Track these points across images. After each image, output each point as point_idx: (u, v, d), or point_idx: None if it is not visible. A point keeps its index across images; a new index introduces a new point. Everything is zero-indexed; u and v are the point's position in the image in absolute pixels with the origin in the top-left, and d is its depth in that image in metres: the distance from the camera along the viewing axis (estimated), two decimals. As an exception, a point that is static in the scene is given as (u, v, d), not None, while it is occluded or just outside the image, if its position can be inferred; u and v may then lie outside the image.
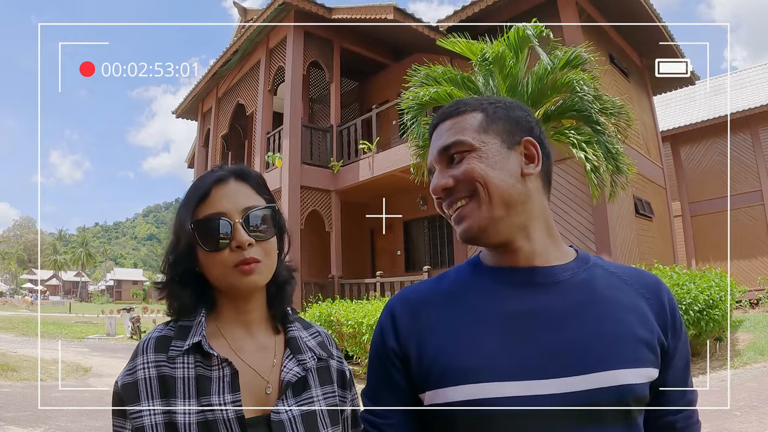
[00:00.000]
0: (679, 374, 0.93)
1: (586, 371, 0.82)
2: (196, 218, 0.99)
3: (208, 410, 0.93)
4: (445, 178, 0.91)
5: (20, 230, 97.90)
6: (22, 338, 16.73)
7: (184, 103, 16.37)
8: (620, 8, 10.45)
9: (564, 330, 0.85)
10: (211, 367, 0.96)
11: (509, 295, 0.89)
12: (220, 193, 1.00)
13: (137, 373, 0.95)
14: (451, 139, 0.93)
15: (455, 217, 0.91)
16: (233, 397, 0.94)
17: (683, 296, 6.82)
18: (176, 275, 1.02)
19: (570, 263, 0.93)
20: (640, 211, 10.88)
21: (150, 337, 0.99)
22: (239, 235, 0.97)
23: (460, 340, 0.86)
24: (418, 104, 7.45)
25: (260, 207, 1.01)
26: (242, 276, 0.97)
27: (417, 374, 0.88)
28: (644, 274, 0.98)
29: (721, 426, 4.72)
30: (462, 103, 0.97)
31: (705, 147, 17.59)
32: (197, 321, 0.99)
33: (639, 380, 0.85)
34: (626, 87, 11.58)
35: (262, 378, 0.99)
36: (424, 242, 12.50)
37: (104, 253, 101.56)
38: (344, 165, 11.06)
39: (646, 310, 0.91)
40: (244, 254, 0.97)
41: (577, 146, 6.66)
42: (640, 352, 0.86)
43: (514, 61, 6.97)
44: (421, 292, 0.97)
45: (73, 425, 5.79)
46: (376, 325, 0.98)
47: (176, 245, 1.03)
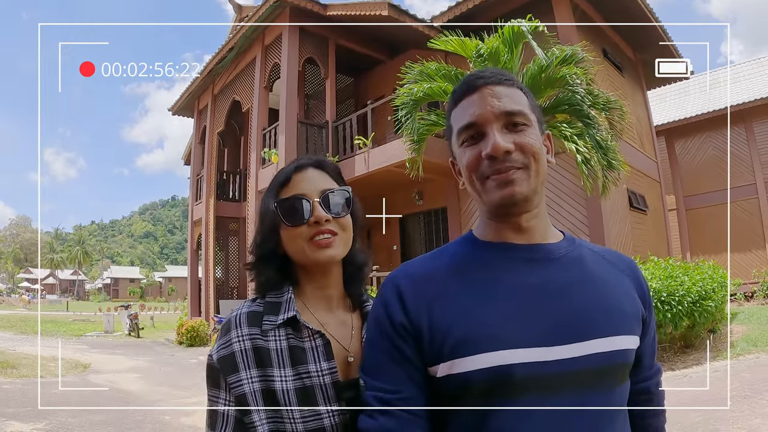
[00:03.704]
0: (651, 344, 1.06)
1: (590, 337, 0.89)
2: (279, 198, 1.12)
3: (305, 376, 1.02)
4: (508, 143, 0.92)
5: (17, 229, 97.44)
6: (20, 336, 16.71)
7: (180, 100, 16.34)
8: (614, 3, 10.48)
9: (566, 302, 0.92)
10: (302, 338, 1.06)
11: (513, 269, 0.94)
12: (299, 177, 1.14)
13: (233, 346, 1.03)
14: (516, 107, 0.95)
15: (503, 179, 0.92)
16: (329, 364, 1.04)
17: (676, 288, 6.86)
18: (263, 254, 1.14)
19: (562, 242, 1.01)
20: (635, 205, 10.94)
21: (240, 313, 1.08)
22: (317, 211, 1.09)
23: (471, 311, 0.90)
24: (413, 100, 7.49)
25: (336, 189, 1.14)
26: (319, 250, 1.09)
27: (429, 347, 0.90)
28: (620, 255, 1.08)
29: (713, 416, 4.77)
30: (506, 75, 1.00)
31: (700, 141, 17.65)
32: (286, 297, 1.10)
33: (631, 346, 0.95)
34: (620, 81, 11.62)
35: (344, 348, 1.11)
36: (420, 237, 12.53)
37: (101, 251, 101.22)
38: (340, 161, 11.07)
39: (629, 286, 1.01)
40: (321, 228, 1.08)
41: (569, 139, 6.72)
42: (630, 322, 0.96)
43: (509, 57, 7.01)
44: (423, 267, 0.99)
45: (73, 420, 5.82)
46: (376, 302, 0.99)
47: (261, 226, 1.15)
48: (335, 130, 11.51)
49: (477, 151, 0.94)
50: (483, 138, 0.94)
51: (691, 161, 17.81)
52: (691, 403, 5.24)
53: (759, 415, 4.68)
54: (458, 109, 0.99)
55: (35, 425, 5.59)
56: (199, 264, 16.24)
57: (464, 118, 0.97)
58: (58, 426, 5.61)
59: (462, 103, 0.98)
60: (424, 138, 7.80)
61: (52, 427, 5.55)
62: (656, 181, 13.05)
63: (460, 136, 0.98)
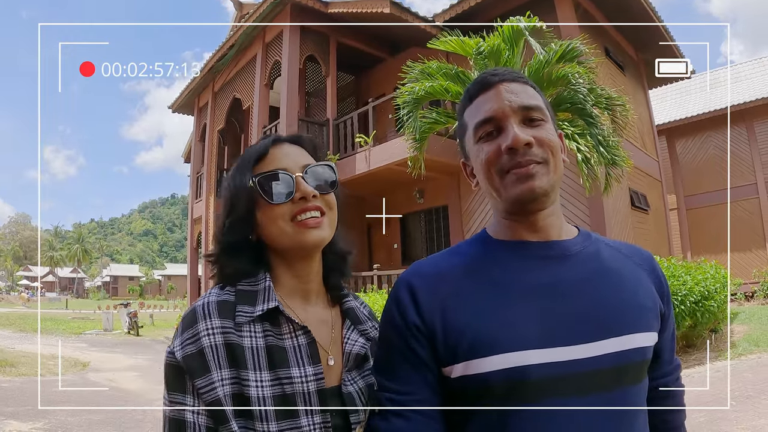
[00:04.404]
0: (670, 339, 1.04)
1: (607, 336, 0.87)
2: (256, 174, 0.97)
3: (286, 382, 0.88)
4: (527, 135, 0.91)
5: (16, 227, 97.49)
6: (19, 334, 16.69)
7: (180, 97, 16.29)
8: (616, 2, 10.45)
9: (582, 299, 0.89)
10: (282, 336, 0.92)
11: (528, 267, 0.92)
12: (278, 152, 1.01)
13: (201, 341, 0.86)
14: (534, 102, 0.95)
15: (524, 172, 0.90)
16: (314, 369, 0.91)
17: (679, 288, 6.85)
18: (233, 241, 0.98)
19: (577, 238, 0.99)
20: (636, 204, 10.93)
21: (208, 301, 0.91)
22: (303, 186, 0.96)
23: (486, 311, 0.88)
24: (414, 99, 7.45)
25: (319, 164, 1.02)
26: (307, 230, 0.95)
27: (443, 348, 0.88)
28: (638, 248, 1.06)
29: (717, 416, 4.76)
30: (519, 74, 0.99)
31: (701, 140, 17.64)
32: (264, 286, 0.95)
33: (649, 343, 0.93)
34: (622, 80, 11.59)
35: (323, 349, 0.97)
36: (421, 235, 12.50)
37: (100, 249, 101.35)
38: (341, 158, 11.04)
39: (647, 280, 0.99)
40: (308, 204, 0.96)
41: (570, 137, 6.69)
42: (648, 318, 0.94)
43: (510, 55, 6.97)
44: (437, 266, 0.97)
45: (72, 419, 5.80)
46: (389, 301, 0.96)
47: (232, 209, 0.99)
48: (336, 128, 11.47)
49: (496, 145, 0.93)
50: (501, 133, 0.93)
51: (692, 161, 17.80)
52: (692, 403, 5.22)
53: (762, 415, 4.67)
54: (473, 106, 0.98)
55: (34, 424, 5.56)
56: (199, 262, 16.21)
57: (481, 114, 0.95)
58: (57, 425, 5.59)
59: (477, 100, 0.97)
60: (425, 136, 7.77)
61: (50, 427, 5.52)
62: (657, 181, 13.03)
63: (477, 132, 0.96)
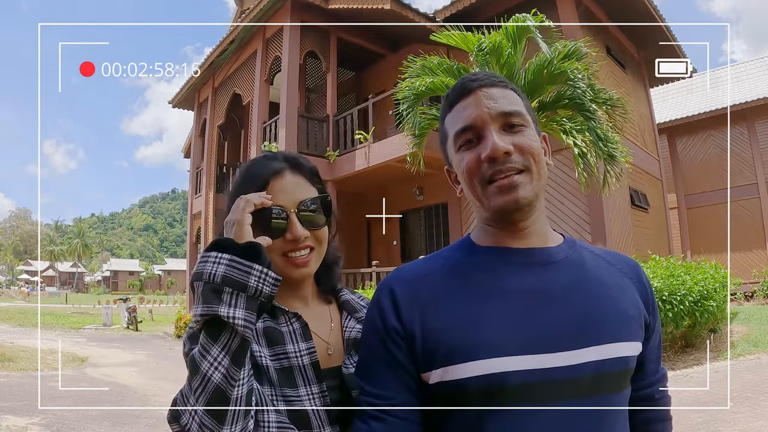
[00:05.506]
0: (655, 349, 1.01)
1: (588, 344, 0.86)
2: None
3: (282, 356, 0.98)
4: (507, 144, 0.89)
5: (16, 221, 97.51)
6: (19, 329, 16.71)
7: (180, 93, 16.27)
8: (618, 1, 10.41)
9: (564, 307, 0.88)
10: (279, 324, 1.02)
11: (509, 274, 0.91)
12: (277, 186, 1.04)
13: None
14: (514, 108, 0.93)
15: (507, 183, 0.89)
16: (307, 344, 1.01)
17: (678, 287, 6.83)
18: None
19: (561, 245, 0.98)
20: (636, 203, 10.91)
21: None
22: (295, 229, 1.02)
23: (466, 317, 0.87)
24: (415, 95, 7.42)
25: (314, 197, 1.07)
26: (295, 268, 1.04)
27: (422, 352, 0.87)
28: (623, 256, 1.04)
29: (715, 416, 4.75)
30: (498, 77, 0.97)
31: (701, 139, 17.60)
32: None
33: (632, 353, 0.91)
34: (623, 79, 11.56)
35: (323, 340, 1.07)
36: (420, 232, 12.50)
37: (100, 243, 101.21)
38: (340, 155, 11.03)
39: (632, 289, 0.97)
40: (298, 245, 1.03)
41: (568, 133, 6.67)
42: (632, 327, 0.92)
43: (512, 52, 6.94)
44: (417, 271, 0.96)
45: (70, 414, 5.80)
46: (371, 306, 0.97)
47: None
48: (336, 124, 11.46)
49: (476, 154, 0.91)
50: (481, 141, 0.92)
51: (692, 160, 17.76)
52: (691, 403, 5.22)
53: (761, 416, 4.66)
54: (453, 113, 0.96)
55: (31, 419, 5.56)
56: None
57: (460, 122, 0.94)
58: (54, 420, 5.58)
59: (457, 107, 0.96)
60: (425, 132, 7.75)
61: (48, 422, 5.52)
62: (658, 179, 13.01)
63: (457, 140, 0.95)
